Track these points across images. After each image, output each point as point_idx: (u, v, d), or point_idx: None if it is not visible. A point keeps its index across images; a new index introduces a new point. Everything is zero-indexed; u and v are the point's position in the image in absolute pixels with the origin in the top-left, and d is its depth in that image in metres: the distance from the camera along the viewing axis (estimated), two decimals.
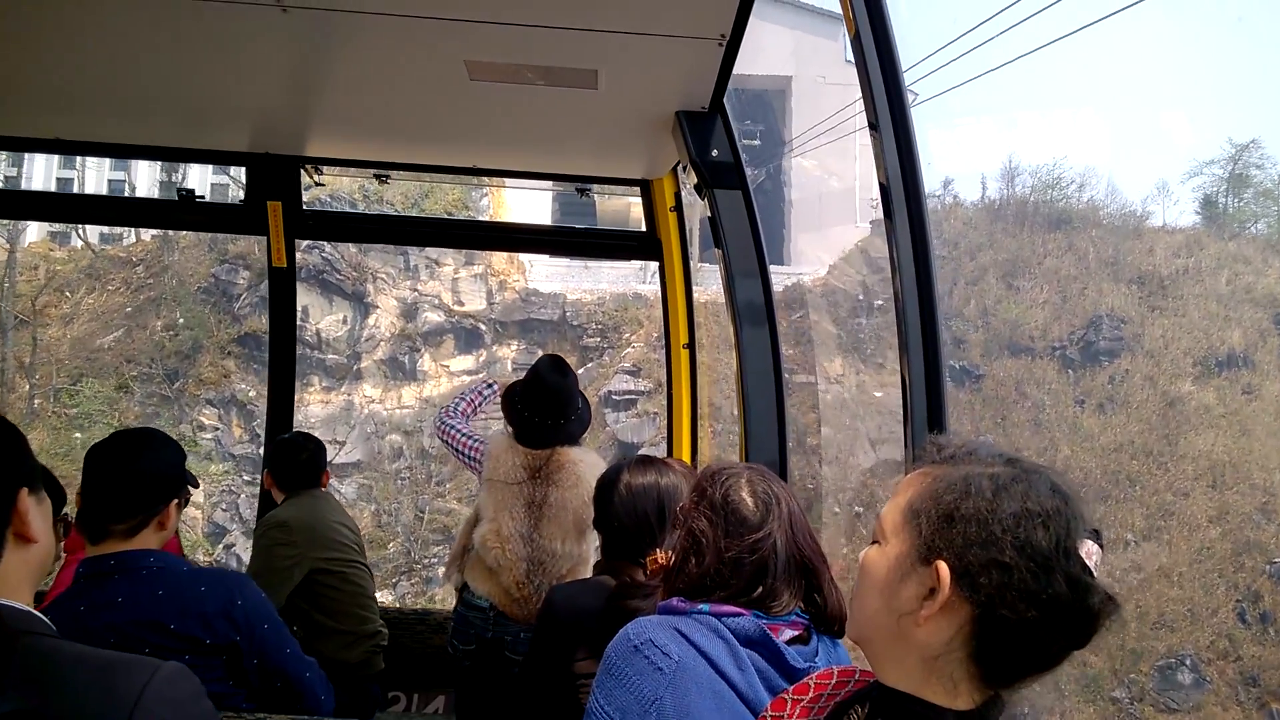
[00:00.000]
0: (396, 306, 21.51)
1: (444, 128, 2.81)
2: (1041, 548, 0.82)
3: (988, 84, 50.91)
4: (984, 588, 0.82)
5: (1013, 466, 0.88)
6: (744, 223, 2.20)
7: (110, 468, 1.63)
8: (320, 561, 2.64)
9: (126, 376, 19.98)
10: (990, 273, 23.30)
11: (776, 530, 1.27)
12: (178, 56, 2.22)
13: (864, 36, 1.79)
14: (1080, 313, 22.24)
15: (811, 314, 21.28)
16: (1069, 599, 0.81)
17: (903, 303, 1.74)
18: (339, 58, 2.22)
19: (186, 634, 1.62)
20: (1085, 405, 21.29)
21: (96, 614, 1.58)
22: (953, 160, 45.96)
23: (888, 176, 1.78)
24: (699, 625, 1.22)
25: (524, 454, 2.52)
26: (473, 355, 21.56)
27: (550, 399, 2.52)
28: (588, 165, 3.21)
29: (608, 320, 21.78)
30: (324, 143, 3.04)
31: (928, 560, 0.85)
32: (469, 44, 2.06)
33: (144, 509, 1.64)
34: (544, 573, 2.45)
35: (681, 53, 2.04)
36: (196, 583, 1.68)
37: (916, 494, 0.90)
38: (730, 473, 1.34)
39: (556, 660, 1.72)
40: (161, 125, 2.82)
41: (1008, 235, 24.01)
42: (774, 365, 2.15)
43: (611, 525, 1.77)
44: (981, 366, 21.95)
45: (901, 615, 0.87)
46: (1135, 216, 24.96)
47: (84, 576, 1.63)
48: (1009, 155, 38.87)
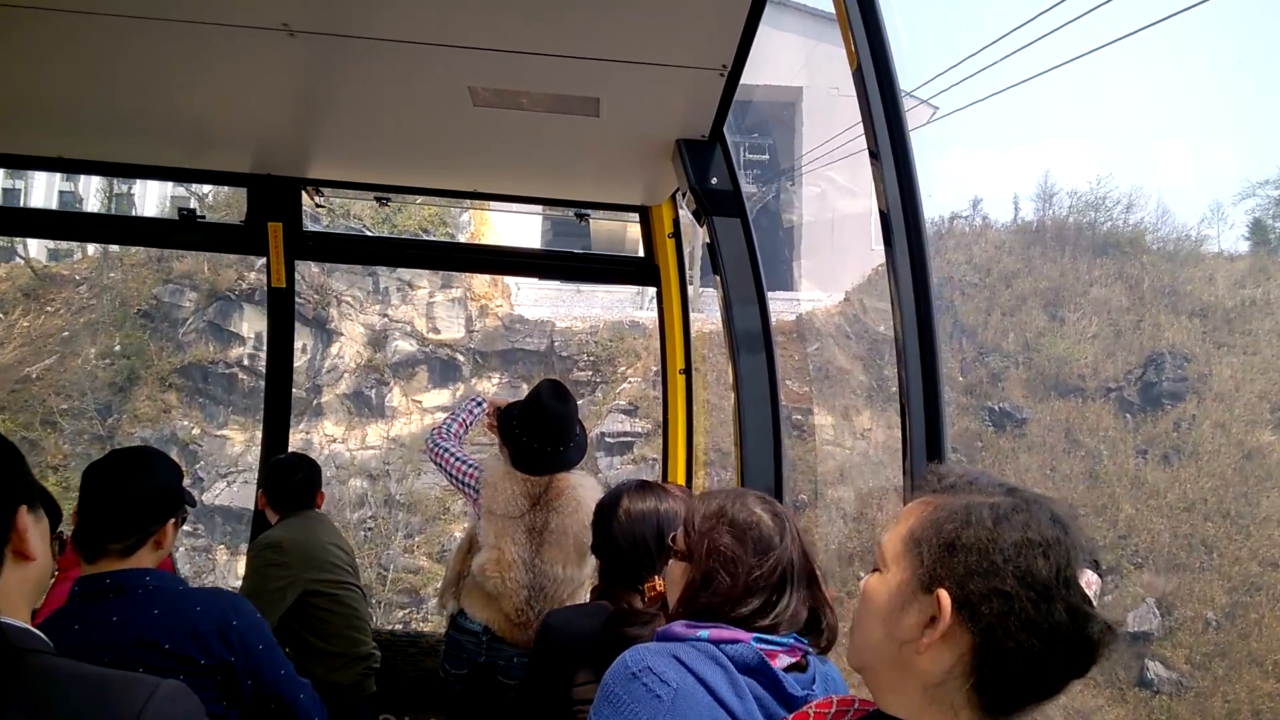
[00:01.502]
0: (363, 334, 21.44)
1: (446, 152, 3.17)
2: (1042, 577, 0.92)
3: (1017, 97, 52.13)
4: (985, 616, 0.92)
5: (1013, 496, 0.99)
6: (742, 250, 2.53)
7: (108, 486, 1.83)
8: (313, 583, 2.93)
9: (55, 410, 19.74)
10: (1030, 302, 23.13)
11: (791, 545, 1.47)
12: (182, 78, 2.56)
13: (865, 67, 2.10)
14: (1136, 349, 21.98)
15: (829, 347, 21.26)
16: (1069, 628, 0.92)
17: (902, 331, 1.99)
18: (343, 82, 2.56)
19: (181, 654, 1.81)
20: (1148, 456, 20.69)
21: (90, 632, 1.75)
22: (979, 179, 46.85)
23: (888, 205, 2.07)
24: (697, 652, 1.35)
25: (523, 481, 2.81)
26: (449, 389, 21.39)
27: (551, 425, 2.81)
28: (587, 191, 3.62)
29: (601, 351, 21.63)
30: (326, 165, 3.43)
31: (929, 589, 0.96)
32: (472, 70, 2.39)
33: (140, 528, 1.84)
34: (545, 598, 2.74)
35: (683, 82, 2.37)
36: (192, 602, 1.87)
37: (917, 523, 1.01)
38: (736, 493, 1.54)
39: (554, 686, 1.92)
40: (164, 145, 3.20)
41: (1047, 260, 23.85)
42: (771, 392, 2.46)
43: (610, 551, 1.99)
44: (1025, 408, 21.55)
45: (903, 643, 0.97)
46: (1190, 241, 24.84)
47: (79, 595, 1.80)
48: (1044, 173, 39.70)
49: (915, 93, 18.18)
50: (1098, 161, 47.69)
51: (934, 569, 0.96)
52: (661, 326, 3.72)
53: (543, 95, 2.50)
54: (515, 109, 2.59)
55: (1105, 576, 1.16)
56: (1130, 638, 18.31)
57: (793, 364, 21.06)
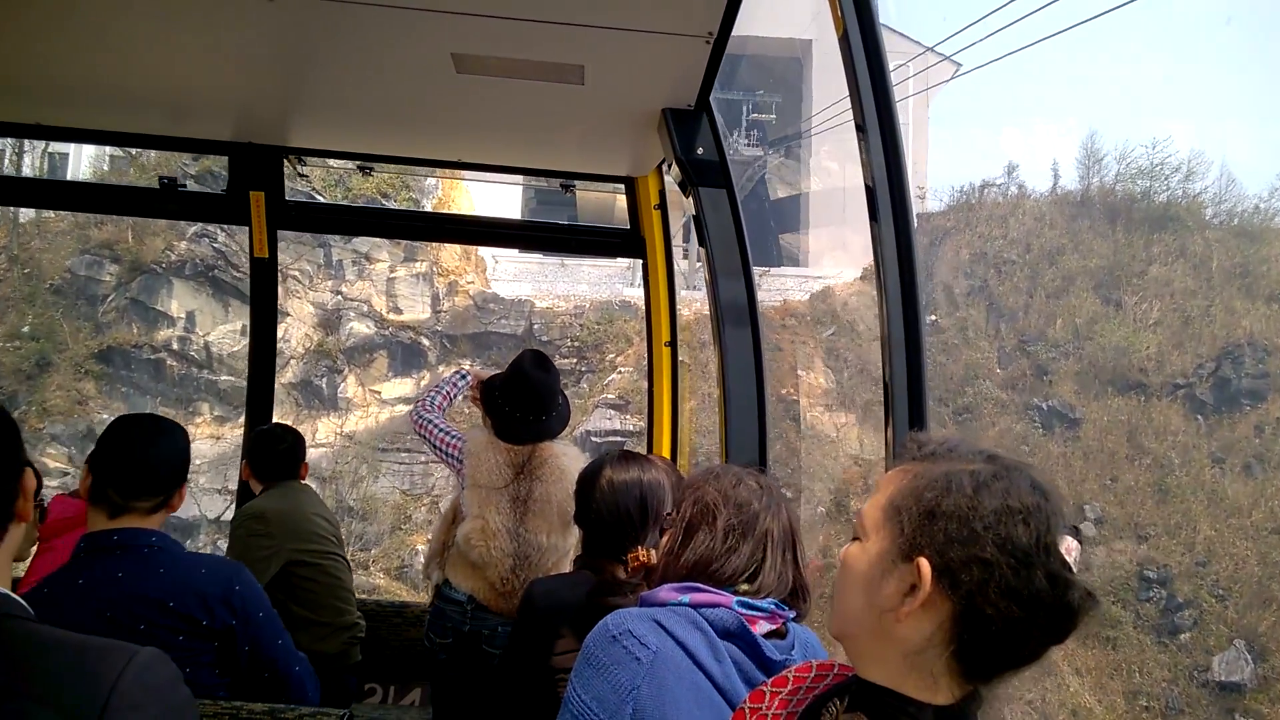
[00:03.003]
0: (313, 314, 21.18)
1: (429, 120, 3.60)
2: (1022, 544, 1.04)
3: (1054, 49, 51.32)
4: (965, 584, 1.04)
5: (993, 463, 1.12)
6: (728, 222, 2.92)
7: (141, 445, 2.19)
8: (298, 553, 3.37)
9: None
10: (1079, 282, 22.72)
11: (774, 510, 1.72)
12: (163, 45, 2.93)
13: (852, 37, 2.44)
14: (1208, 339, 21.58)
15: (848, 332, 21.04)
16: (1049, 595, 1.04)
17: (886, 301, 2.33)
18: (325, 48, 2.92)
19: (185, 613, 2.16)
20: (1226, 466, 20.19)
21: (96, 588, 2.05)
22: (1010, 143, 46.06)
23: (874, 179, 2.42)
24: (678, 617, 1.56)
25: (505, 451, 3.26)
26: (411, 377, 21.18)
27: (533, 395, 3.27)
28: (572, 161, 4.08)
29: (587, 336, 21.45)
30: (308, 133, 3.89)
31: (909, 557, 1.08)
32: (456, 36, 2.73)
33: (167, 488, 2.22)
34: (530, 566, 3.18)
35: (669, 50, 2.72)
36: (197, 565, 2.24)
37: (897, 491, 1.14)
38: (725, 467, 1.83)
39: (535, 654, 2.25)
40: (145, 114, 3.62)
41: (1097, 235, 23.45)
42: (756, 364, 2.86)
43: (592, 521, 2.28)
44: (1078, 407, 21.17)
45: (883, 612, 1.10)
46: (1261, 214, 24.37)
47: (84, 551, 2.11)
48: (1089, 135, 37.45)
49: (937, 48, 18.02)
50: (1147, 124, 47.34)
51: (914, 537, 1.09)
52: (647, 299, 4.21)
53: (527, 62, 2.87)
54: (499, 76, 2.97)
55: (1181, 609, 1.31)
56: (1217, 688, 17.68)
57: (805, 351, 20.96)
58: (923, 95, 25.45)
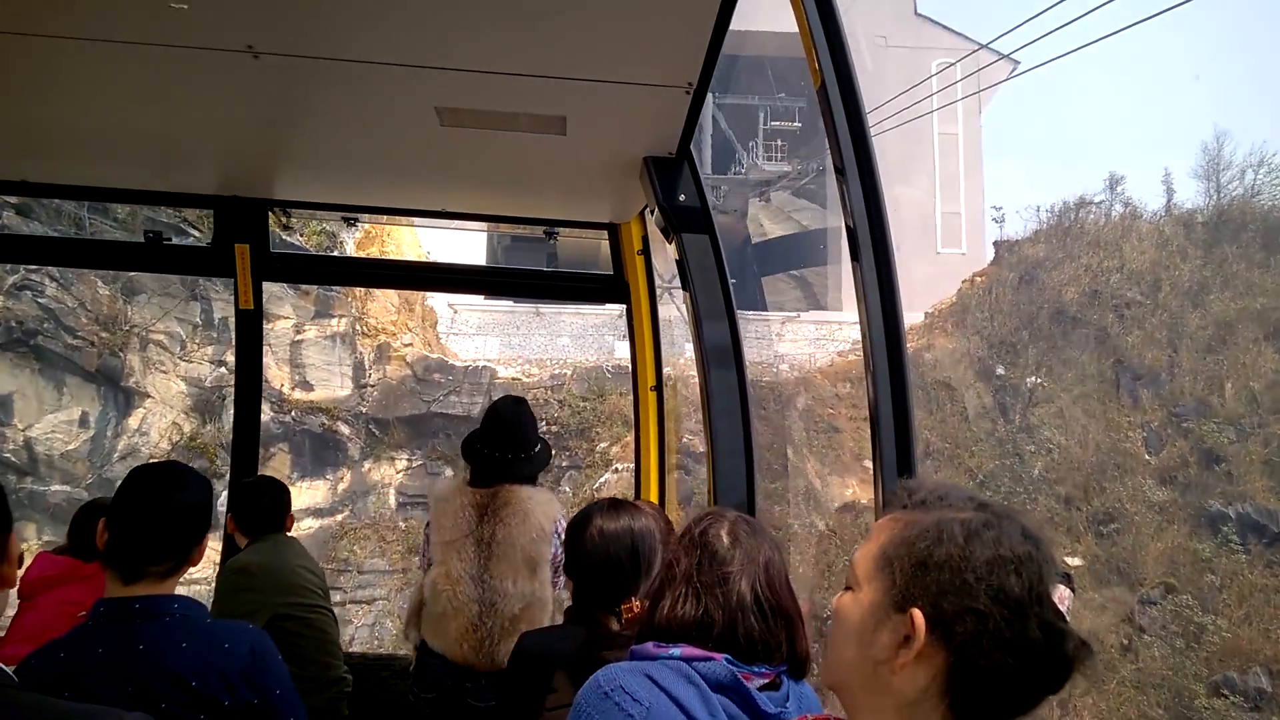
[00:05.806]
0: (183, 395, 15.72)
1: (413, 172, 3.66)
2: (1015, 594, 1.05)
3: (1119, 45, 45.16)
4: (959, 635, 1.05)
5: (984, 511, 1.13)
6: (711, 265, 2.98)
7: (144, 507, 2.09)
8: (283, 607, 3.31)
9: None
10: (1240, 332, 17.21)
11: (747, 567, 1.66)
12: (148, 101, 2.96)
13: (829, 85, 2.50)
14: None
15: (933, 407, 17.08)
16: (1043, 645, 1.04)
17: (870, 342, 2.35)
18: (309, 103, 2.97)
19: (207, 694, 2.00)
20: None
21: (114, 660, 1.95)
22: (1104, 148, 39.05)
23: (854, 221, 2.46)
24: (669, 670, 1.55)
25: (471, 493, 3.26)
26: (325, 480, 15.63)
27: (505, 431, 3.29)
28: (555, 209, 4.15)
29: (570, 417, 16.51)
30: (292, 186, 3.95)
31: (902, 608, 1.09)
32: (439, 90, 2.79)
33: (180, 551, 2.12)
34: (496, 613, 3.15)
35: (649, 101, 2.79)
36: (219, 639, 2.11)
37: (889, 540, 1.14)
38: (716, 515, 1.76)
39: (527, 708, 2.21)
40: (130, 169, 3.68)
41: (1248, 263, 17.92)
42: (741, 405, 2.89)
43: (583, 571, 2.24)
44: None
45: (877, 663, 1.10)
46: None
47: (104, 617, 2.01)
48: (1212, 132, 31.83)
49: (993, 45, 16.32)
50: None
51: (907, 588, 1.09)
52: (632, 343, 4.29)
53: (509, 114, 2.93)
54: (482, 128, 3.03)
55: None
56: None
57: (844, 415, 16.64)
58: (973, 99, 22.30)
